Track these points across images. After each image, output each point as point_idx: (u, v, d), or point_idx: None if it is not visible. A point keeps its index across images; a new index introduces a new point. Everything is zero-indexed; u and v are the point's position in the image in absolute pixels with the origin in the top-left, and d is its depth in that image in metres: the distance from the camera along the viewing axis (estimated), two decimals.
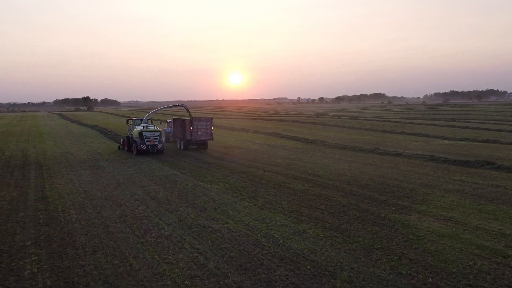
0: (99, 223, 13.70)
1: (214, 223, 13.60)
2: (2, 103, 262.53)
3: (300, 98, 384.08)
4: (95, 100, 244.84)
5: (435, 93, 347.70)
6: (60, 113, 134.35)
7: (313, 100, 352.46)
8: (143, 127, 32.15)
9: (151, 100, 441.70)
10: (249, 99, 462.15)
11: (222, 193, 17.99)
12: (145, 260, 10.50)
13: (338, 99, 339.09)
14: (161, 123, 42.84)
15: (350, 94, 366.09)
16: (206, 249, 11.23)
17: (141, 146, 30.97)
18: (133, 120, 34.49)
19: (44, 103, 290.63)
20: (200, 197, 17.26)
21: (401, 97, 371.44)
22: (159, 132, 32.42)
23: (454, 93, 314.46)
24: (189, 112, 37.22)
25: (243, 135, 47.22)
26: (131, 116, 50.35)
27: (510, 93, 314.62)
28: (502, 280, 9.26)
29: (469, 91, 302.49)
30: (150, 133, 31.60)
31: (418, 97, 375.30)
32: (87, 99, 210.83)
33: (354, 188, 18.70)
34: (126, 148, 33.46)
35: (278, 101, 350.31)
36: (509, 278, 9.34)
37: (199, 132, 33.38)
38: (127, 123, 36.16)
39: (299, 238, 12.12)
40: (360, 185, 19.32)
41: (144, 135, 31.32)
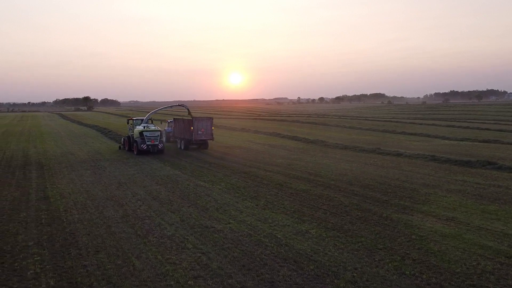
0: (102, 223, 13.69)
1: (217, 223, 13.59)
2: (2, 103, 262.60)
3: (300, 98, 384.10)
4: (95, 100, 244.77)
5: (435, 93, 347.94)
6: (60, 113, 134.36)
7: (313, 100, 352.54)
8: (144, 127, 32.18)
9: (151, 100, 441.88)
10: (249, 99, 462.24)
11: (224, 193, 17.98)
12: (148, 260, 10.49)
13: (338, 99, 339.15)
14: (162, 123, 42.83)
15: (350, 94, 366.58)
16: (209, 249, 11.22)
17: (142, 146, 31.01)
18: (134, 120, 34.52)
19: (44, 103, 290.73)
20: (202, 197, 17.25)
21: (401, 97, 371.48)
22: (160, 132, 32.45)
23: (454, 93, 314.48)
24: (190, 112, 37.23)
25: (244, 135, 47.21)
26: (132, 116, 50.34)
27: (510, 93, 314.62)
28: (506, 280, 9.25)
29: (469, 91, 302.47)
30: (151, 133, 31.65)
31: (418, 97, 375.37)
32: (87, 99, 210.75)
33: (356, 188, 18.69)
34: (127, 148, 33.50)
35: (278, 101, 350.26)
36: None
37: (200, 132, 33.40)
38: (128, 123, 36.18)
39: (302, 238, 12.11)
40: (362, 185, 19.31)
41: (145, 135, 31.36)
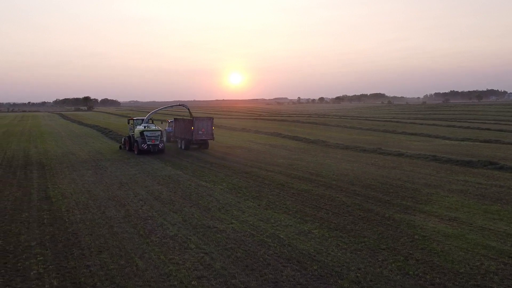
0: (104, 223, 13.67)
1: (219, 223, 13.58)
2: (2, 103, 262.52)
3: (300, 98, 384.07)
4: (95, 100, 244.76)
5: (435, 93, 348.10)
6: (61, 113, 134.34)
7: (313, 100, 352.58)
8: (144, 127, 32.19)
9: (151, 100, 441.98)
10: (249, 99, 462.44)
11: (226, 193, 17.97)
12: (151, 261, 10.47)
13: (338, 99, 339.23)
14: (162, 123, 42.84)
15: (350, 94, 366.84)
16: (212, 250, 11.21)
17: (143, 146, 31.03)
18: (134, 120, 34.54)
19: (44, 103, 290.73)
20: (204, 197, 17.23)
21: (401, 97, 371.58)
22: (160, 132, 32.47)
23: (454, 93, 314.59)
24: (190, 112, 37.23)
25: (245, 135, 47.20)
26: (132, 116, 50.33)
27: (510, 93, 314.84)
28: (510, 281, 9.23)
29: (469, 91, 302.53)
30: (151, 133, 31.69)
31: (418, 97, 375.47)
32: (87, 99, 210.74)
33: (358, 188, 18.67)
34: (128, 148, 33.53)
35: (278, 101, 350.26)
36: None
37: (200, 132, 33.42)
38: (128, 123, 36.18)
39: (305, 239, 12.10)
40: (364, 185, 19.29)
41: (145, 135, 31.39)
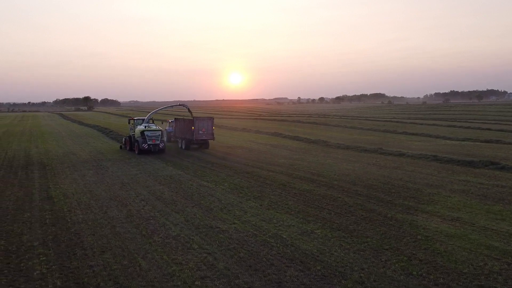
0: (106, 223, 13.66)
1: (221, 224, 13.57)
2: (2, 103, 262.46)
3: (300, 98, 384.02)
4: (95, 100, 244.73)
5: (435, 93, 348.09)
6: (61, 113, 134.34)
7: (313, 100, 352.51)
8: (145, 127, 32.22)
9: (151, 100, 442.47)
10: (249, 99, 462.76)
11: (228, 193, 17.95)
12: (154, 261, 10.46)
13: (338, 99, 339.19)
14: (163, 123, 42.85)
15: (350, 94, 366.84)
16: (215, 250, 11.20)
17: (143, 145, 31.07)
18: (135, 120, 34.56)
19: (44, 103, 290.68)
20: (206, 197, 17.22)
21: (401, 97, 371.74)
22: (161, 132, 32.49)
23: (454, 93, 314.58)
24: (190, 112, 37.22)
25: (245, 135, 47.18)
26: (132, 116, 50.35)
27: (511, 93, 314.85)
28: None
29: (469, 91, 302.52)
30: (152, 133, 31.74)
31: (418, 97, 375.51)
32: (88, 99, 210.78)
33: (359, 188, 18.66)
34: (128, 148, 33.60)
35: (278, 101, 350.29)
36: None
37: (200, 132, 33.44)
38: (129, 123, 36.21)
39: (307, 239, 12.08)
40: (365, 185, 19.28)
41: (146, 135, 31.43)
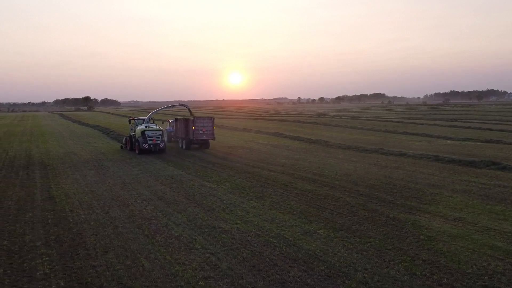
0: (108, 224, 13.65)
1: (224, 224, 13.55)
2: (2, 103, 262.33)
3: (300, 98, 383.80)
4: (95, 100, 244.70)
5: (435, 93, 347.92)
6: (61, 113, 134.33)
7: (313, 100, 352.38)
8: (146, 127, 32.26)
9: (151, 100, 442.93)
10: (249, 99, 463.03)
11: (229, 193, 17.94)
12: (157, 261, 10.45)
13: (339, 99, 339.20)
14: (163, 123, 42.85)
15: (350, 94, 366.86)
16: (218, 250, 11.18)
17: (144, 145, 31.10)
18: (136, 120, 34.58)
19: (44, 103, 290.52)
20: (208, 197, 17.21)
21: (401, 97, 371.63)
22: (161, 131, 32.52)
23: (454, 93, 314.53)
24: (191, 112, 37.22)
25: (246, 135, 47.16)
26: (133, 116, 50.36)
27: (511, 93, 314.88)
28: None
29: (469, 91, 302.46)
30: (153, 132, 31.79)
31: (418, 97, 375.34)
32: (88, 99, 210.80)
33: (361, 189, 18.65)
34: (129, 148, 33.62)
35: (278, 101, 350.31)
36: None
37: (201, 132, 33.45)
38: (130, 123, 36.23)
39: (310, 239, 12.07)
40: (367, 185, 19.27)
41: (147, 134, 31.47)
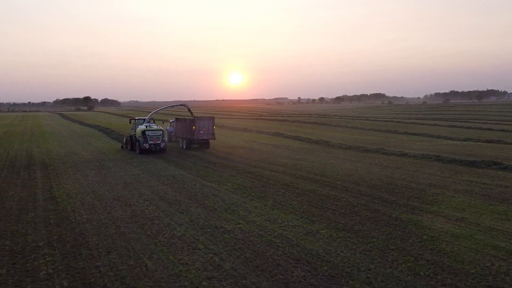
0: (111, 224, 13.63)
1: (226, 224, 13.54)
2: (2, 103, 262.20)
3: (300, 98, 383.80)
4: (96, 100, 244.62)
5: (435, 93, 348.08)
6: (61, 113, 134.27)
7: (313, 100, 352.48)
8: (146, 126, 32.27)
9: (151, 100, 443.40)
10: (249, 99, 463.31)
11: (231, 194, 17.93)
12: (160, 261, 10.44)
13: (339, 99, 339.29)
14: (164, 123, 42.84)
15: (350, 94, 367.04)
16: (221, 250, 11.17)
17: (144, 145, 31.10)
18: (136, 120, 34.58)
19: (45, 103, 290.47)
20: (209, 198, 17.19)
21: (401, 97, 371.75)
22: (162, 131, 32.53)
23: (454, 93, 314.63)
24: (191, 112, 37.21)
25: (246, 135, 47.15)
26: (133, 116, 50.36)
27: (511, 93, 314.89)
28: None
29: (469, 91, 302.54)
30: (153, 132, 31.82)
31: (418, 97, 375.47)
32: (88, 99, 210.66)
33: (363, 189, 18.64)
34: (129, 147, 33.64)
35: (278, 101, 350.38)
36: None
37: (201, 132, 33.46)
38: (130, 123, 36.25)
39: (313, 239, 12.06)
40: (369, 186, 19.26)
41: (147, 134, 31.48)
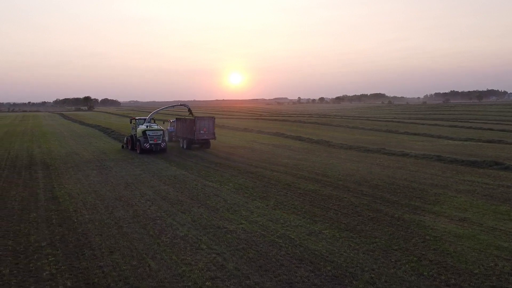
0: (113, 224, 13.62)
1: (228, 224, 13.53)
2: (3, 103, 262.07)
3: (300, 98, 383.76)
4: (96, 100, 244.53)
5: (435, 93, 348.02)
6: (61, 113, 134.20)
7: (314, 100, 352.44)
8: (147, 126, 32.28)
9: (151, 100, 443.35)
10: (249, 99, 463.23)
11: (233, 194, 17.92)
12: (163, 261, 10.43)
13: (339, 99, 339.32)
14: (164, 123, 42.83)
15: (350, 94, 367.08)
16: (224, 250, 11.16)
17: (145, 145, 31.12)
18: (137, 120, 34.60)
19: (45, 103, 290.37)
20: (211, 198, 17.18)
21: (401, 97, 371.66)
22: (162, 131, 32.54)
23: (454, 93, 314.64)
24: (191, 112, 37.19)
25: (247, 135, 47.14)
26: (134, 116, 50.33)
27: (511, 93, 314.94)
28: None
29: (469, 91, 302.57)
30: (154, 132, 31.84)
31: (418, 97, 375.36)
32: (88, 99, 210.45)
33: (365, 189, 18.63)
34: (130, 147, 33.66)
35: (278, 101, 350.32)
36: None
37: (202, 131, 33.47)
38: (131, 123, 36.28)
39: (316, 239, 12.05)
40: (370, 186, 19.25)
41: (148, 134, 31.50)
